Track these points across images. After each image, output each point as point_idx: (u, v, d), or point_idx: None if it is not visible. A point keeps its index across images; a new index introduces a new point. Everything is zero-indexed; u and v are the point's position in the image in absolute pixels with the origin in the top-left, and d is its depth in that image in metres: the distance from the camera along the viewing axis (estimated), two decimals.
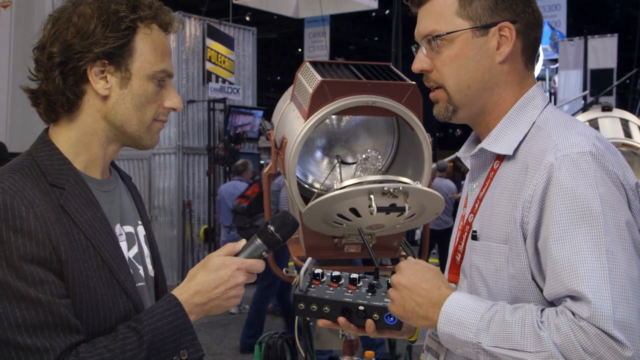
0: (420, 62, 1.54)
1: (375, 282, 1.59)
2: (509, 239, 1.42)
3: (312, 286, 1.57)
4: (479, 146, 1.54)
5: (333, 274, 1.59)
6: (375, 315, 1.51)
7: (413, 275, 1.45)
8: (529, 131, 1.48)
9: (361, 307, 1.51)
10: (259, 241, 1.52)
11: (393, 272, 1.54)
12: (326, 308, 1.53)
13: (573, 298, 1.29)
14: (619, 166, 1.40)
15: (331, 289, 1.56)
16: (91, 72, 1.45)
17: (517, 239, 1.41)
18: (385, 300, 1.53)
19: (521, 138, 1.48)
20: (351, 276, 1.58)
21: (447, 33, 1.49)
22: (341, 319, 1.53)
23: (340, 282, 1.58)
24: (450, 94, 1.52)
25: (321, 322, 1.55)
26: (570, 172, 1.35)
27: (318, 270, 1.60)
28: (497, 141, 1.50)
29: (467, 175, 1.63)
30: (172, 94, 1.54)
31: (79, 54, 1.43)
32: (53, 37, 1.45)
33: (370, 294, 1.55)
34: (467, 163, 1.61)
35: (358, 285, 1.57)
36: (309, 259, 1.62)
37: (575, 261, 1.30)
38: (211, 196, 11.08)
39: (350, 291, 1.56)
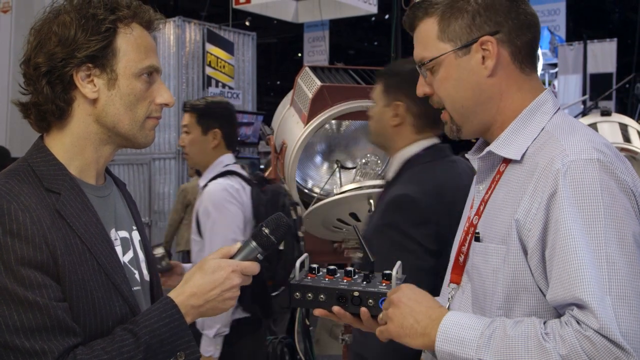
0: (422, 86, 1.60)
1: (371, 274, 1.60)
2: (506, 239, 1.43)
3: (308, 278, 1.58)
4: (487, 149, 1.55)
5: (329, 268, 1.60)
6: (370, 301, 1.51)
7: (413, 294, 1.47)
8: (537, 136, 1.48)
9: (356, 293, 1.52)
10: (253, 244, 1.53)
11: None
12: (322, 296, 1.53)
13: (579, 307, 1.29)
14: (628, 174, 1.40)
15: (327, 279, 1.58)
16: (77, 77, 1.46)
17: (513, 239, 1.41)
18: (380, 287, 1.53)
19: (529, 143, 1.48)
20: (347, 269, 1.59)
21: (431, 60, 1.53)
22: (336, 308, 1.52)
23: (336, 275, 1.59)
24: (451, 114, 1.56)
25: (317, 312, 1.55)
26: (576, 180, 1.35)
27: (314, 265, 1.61)
28: (506, 145, 1.51)
29: (475, 178, 1.65)
30: (162, 90, 1.55)
31: (63, 61, 1.44)
32: (36, 48, 1.47)
33: (365, 282, 1.56)
34: (475, 165, 1.62)
35: (353, 277, 1.58)
36: (305, 254, 1.63)
37: (579, 270, 1.29)
38: None
39: (345, 281, 1.57)
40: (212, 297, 1.47)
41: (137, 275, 1.59)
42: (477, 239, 1.51)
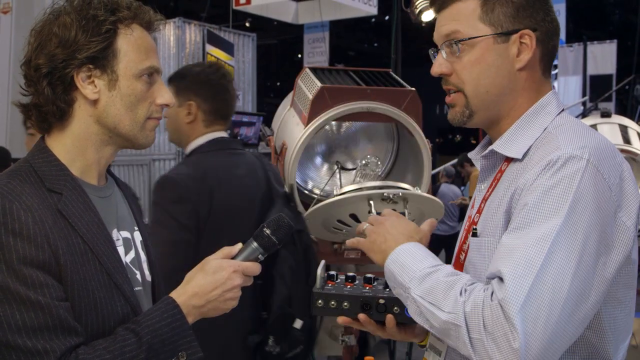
0: (440, 65, 1.56)
1: None
2: (496, 231, 1.45)
3: (329, 286, 1.58)
4: (490, 148, 1.56)
5: (348, 275, 1.61)
6: (396, 308, 1.51)
7: (397, 221, 1.59)
8: (539, 136, 1.50)
9: (381, 301, 1.52)
10: (255, 244, 1.54)
11: None
12: (345, 304, 1.53)
13: (500, 279, 1.32)
14: (618, 181, 1.40)
15: (348, 287, 1.58)
16: (78, 79, 1.47)
17: (501, 229, 1.44)
18: None
19: (531, 142, 1.50)
20: (366, 276, 1.60)
21: (470, 38, 1.51)
22: (361, 316, 1.53)
23: (355, 282, 1.60)
24: (468, 98, 1.54)
25: (341, 320, 1.56)
26: (557, 172, 1.36)
27: (332, 272, 1.61)
28: (508, 144, 1.52)
29: (478, 177, 1.66)
30: (163, 90, 1.56)
31: (63, 63, 1.45)
32: (37, 50, 1.47)
33: (387, 289, 1.56)
34: (478, 164, 1.63)
35: (374, 284, 1.59)
36: (322, 261, 1.64)
37: (516, 249, 1.33)
38: None
39: (367, 289, 1.57)
40: (213, 298, 1.48)
41: (138, 276, 1.60)
42: (475, 235, 1.52)
